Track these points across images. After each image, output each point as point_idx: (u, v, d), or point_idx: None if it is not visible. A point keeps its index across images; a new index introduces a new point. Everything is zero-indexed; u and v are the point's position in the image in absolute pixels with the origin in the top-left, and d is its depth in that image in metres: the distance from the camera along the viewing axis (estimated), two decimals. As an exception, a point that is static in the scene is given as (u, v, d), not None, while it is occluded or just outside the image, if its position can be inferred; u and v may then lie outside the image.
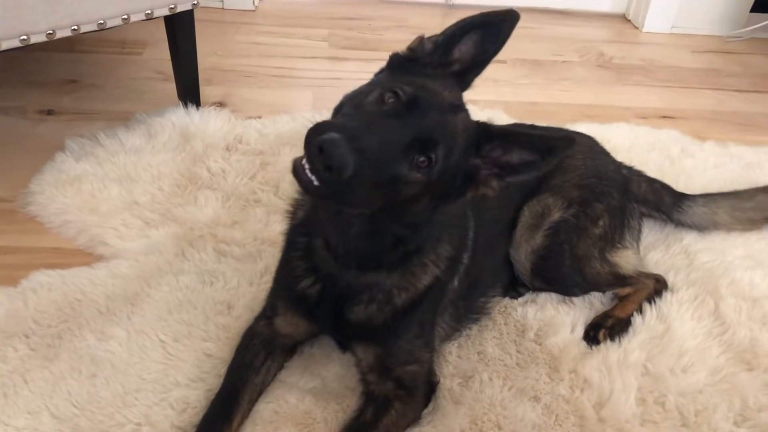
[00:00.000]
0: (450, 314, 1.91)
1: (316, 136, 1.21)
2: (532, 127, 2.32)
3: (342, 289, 1.65)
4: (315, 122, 1.28)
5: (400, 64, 1.52)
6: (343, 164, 1.18)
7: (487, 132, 1.44)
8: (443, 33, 1.49)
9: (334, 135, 1.19)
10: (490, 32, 1.46)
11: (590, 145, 2.29)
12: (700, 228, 2.41)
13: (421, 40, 1.51)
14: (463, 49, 1.48)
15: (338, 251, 1.58)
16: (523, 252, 2.07)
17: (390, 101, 1.35)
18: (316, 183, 1.24)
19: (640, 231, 2.30)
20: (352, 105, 1.40)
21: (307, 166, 1.24)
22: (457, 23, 1.48)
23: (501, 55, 1.52)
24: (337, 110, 1.46)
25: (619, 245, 2.15)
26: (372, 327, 1.67)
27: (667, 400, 1.83)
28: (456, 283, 1.84)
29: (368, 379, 1.74)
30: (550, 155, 1.41)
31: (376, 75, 1.56)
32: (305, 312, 1.75)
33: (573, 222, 2.06)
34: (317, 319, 1.76)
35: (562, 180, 2.12)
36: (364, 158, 1.21)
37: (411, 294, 1.67)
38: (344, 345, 1.87)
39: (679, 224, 2.42)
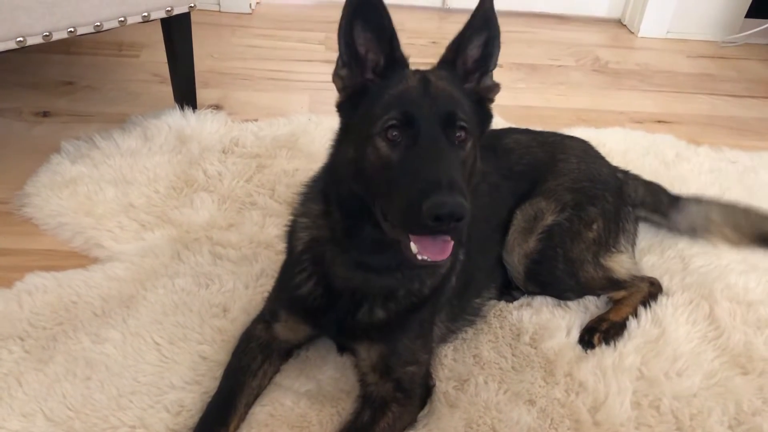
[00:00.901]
0: (446, 313, 1.91)
1: (420, 220, 1.28)
2: (527, 131, 2.34)
3: (360, 294, 1.66)
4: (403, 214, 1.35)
5: (350, 106, 1.55)
6: (464, 208, 1.28)
7: (448, 61, 1.57)
8: (341, 48, 1.51)
9: (438, 199, 1.27)
10: (368, 17, 1.48)
11: (584, 148, 2.29)
12: (695, 230, 2.39)
13: (335, 77, 1.55)
14: (361, 42, 1.51)
15: (371, 262, 1.61)
16: (517, 256, 2.08)
17: (397, 136, 1.40)
18: (448, 254, 1.37)
19: (635, 234, 2.30)
20: (385, 168, 1.41)
21: (419, 253, 1.36)
22: (340, 33, 1.49)
23: (498, 59, 1.56)
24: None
25: (613, 249, 2.16)
26: (384, 325, 1.68)
27: (662, 404, 1.83)
28: (454, 280, 1.84)
29: (368, 380, 1.74)
30: (487, 20, 1.55)
31: (338, 139, 1.60)
32: (308, 318, 1.76)
33: (567, 226, 2.06)
34: (321, 324, 1.77)
35: (555, 184, 2.12)
36: (458, 186, 1.31)
37: (435, 281, 1.71)
38: (344, 347, 1.87)
39: (675, 225, 2.40)
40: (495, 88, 1.62)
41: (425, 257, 1.36)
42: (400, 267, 1.62)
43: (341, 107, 1.57)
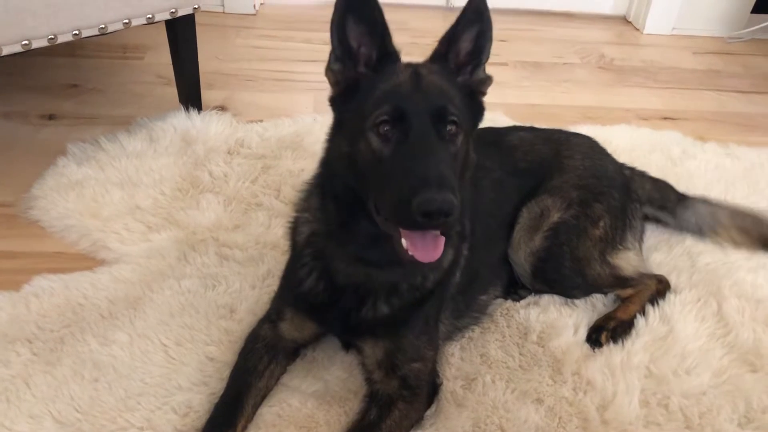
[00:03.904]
0: (451, 310, 1.91)
1: (410, 215, 1.29)
2: (532, 129, 2.33)
3: (363, 289, 1.66)
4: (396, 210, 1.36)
5: (343, 101, 1.55)
6: (452, 205, 1.29)
7: (440, 54, 1.57)
8: (333, 43, 1.52)
9: (427, 195, 1.28)
10: (360, 11, 1.49)
11: (590, 145, 2.28)
12: (702, 229, 2.38)
13: (328, 71, 1.56)
14: (353, 36, 1.51)
15: (369, 256, 1.60)
16: (523, 253, 2.07)
17: (389, 131, 1.41)
18: (438, 254, 1.38)
19: (642, 231, 2.28)
20: (377, 163, 1.42)
21: (409, 247, 1.38)
22: (333, 27, 1.51)
23: (503, 57, 1.56)
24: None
25: (620, 246, 2.15)
26: (389, 321, 1.68)
27: (670, 402, 1.83)
28: (458, 275, 1.84)
29: (374, 378, 1.74)
30: (479, 13, 1.55)
31: (332, 133, 1.61)
32: (314, 315, 1.76)
33: (573, 223, 2.05)
34: (326, 322, 1.77)
35: (560, 181, 2.11)
36: (447, 182, 1.31)
37: (438, 275, 1.70)
38: (349, 344, 1.87)
39: (683, 224, 2.39)
40: (487, 80, 1.62)
41: (414, 256, 1.37)
42: (401, 262, 1.62)
43: (334, 102, 1.59)
